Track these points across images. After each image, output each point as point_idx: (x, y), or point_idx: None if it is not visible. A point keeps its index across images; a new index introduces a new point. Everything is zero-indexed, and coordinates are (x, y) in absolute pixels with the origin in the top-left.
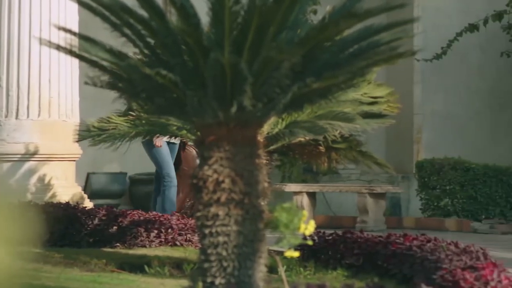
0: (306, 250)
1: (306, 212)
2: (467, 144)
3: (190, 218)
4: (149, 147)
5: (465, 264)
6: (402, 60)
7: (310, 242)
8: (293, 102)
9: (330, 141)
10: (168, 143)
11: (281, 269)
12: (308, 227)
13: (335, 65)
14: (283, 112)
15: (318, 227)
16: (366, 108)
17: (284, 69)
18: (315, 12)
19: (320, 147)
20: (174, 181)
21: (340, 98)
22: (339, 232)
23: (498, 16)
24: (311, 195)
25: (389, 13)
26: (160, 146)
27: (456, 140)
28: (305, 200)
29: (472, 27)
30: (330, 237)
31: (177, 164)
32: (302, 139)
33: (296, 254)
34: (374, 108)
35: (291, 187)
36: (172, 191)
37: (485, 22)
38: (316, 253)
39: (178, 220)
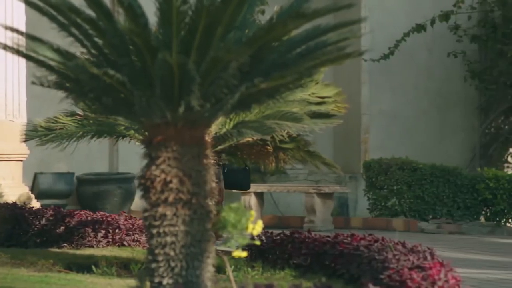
0: (253, 250)
1: (253, 212)
2: (414, 144)
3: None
4: None
5: (412, 264)
6: (350, 60)
7: (257, 242)
8: (241, 102)
9: (278, 141)
10: None
11: (229, 269)
12: (256, 227)
13: (283, 65)
14: (231, 112)
15: (265, 227)
16: (314, 108)
17: (232, 69)
18: (263, 12)
19: (268, 147)
20: None
21: (287, 98)
22: (287, 232)
23: (445, 16)
24: (259, 195)
25: (336, 14)
26: None
27: (403, 140)
28: (252, 200)
29: (419, 28)
30: (278, 237)
31: None
32: (250, 139)
33: (243, 254)
34: (322, 108)
35: None
36: None
37: (432, 22)
38: (264, 253)
39: (126, 220)
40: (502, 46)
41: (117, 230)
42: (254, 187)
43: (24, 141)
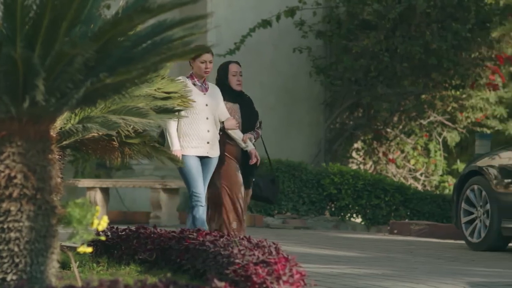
0: (99, 246)
1: (99, 208)
2: (260, 139)
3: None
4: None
5: (258, 258)
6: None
7: (103, 238)
8: (86, 97)
9: (124, 136)
10: (202, 157)
11: (74, 265)
12: (101, 223)
13: (129, 60)
14: (76, 107)
15: (111, 222)
16: (160, 103)
17: (77, 64)
18: (108, 7)
19: (114, 142)
20: (202, 200)
21: (133, 93)
22: (132, 227)
23: (291, 12)
24: (105, 191)
25: (182, 9)
26: (179, 162)
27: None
28: (98, 195)
29: (265, 23)
30: (123, 233)
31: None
32: (95, 134)
33: (89, 249)
34: (168, 103)
35: (84, 183)
36: (200, 211)
37: (278, 18)
38: (109, 249)
39: None
40: (346, 42)
41: None
42: (99, 183)
43: None
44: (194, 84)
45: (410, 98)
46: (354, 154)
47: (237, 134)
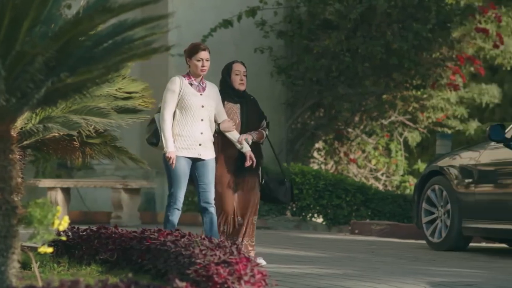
0: (60, 246)
1: (60, 208)
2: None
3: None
4: (164, 160)
5: (219, 259)
6: (157, 56)
7: (64, 238)
8: (47, 97)
9: (85, 136)
10: (195, 160)
11: (35, 265)
12: (62, 223)
13: (90, 60)
14: (37, 107)
15: (72, 222)
16: (121, 103)
17: (38, 64)
18: (69, 6)
19: (75, 142)
20: (179, 203)
21: (94, 93)
22: (93, 227)
23: (252, 12)
24: (65, 191)
25: (143, 9)
26: (172, 164)
27: None
28: (59, 195)
29: (226, 23)
30: (84, 233)
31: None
32: (56, 134)
33: (49, 250)
34: (129, 103)
35: (45, 183)
36: (175, 214)
37: (239, 18)
38: (70, 249)
39: None
40: (308, 42)
41: None
42: (60, 183)
43: None
44: (191, 84)
45: (371, 98)
46: (315, 154)
47: (233, 135)
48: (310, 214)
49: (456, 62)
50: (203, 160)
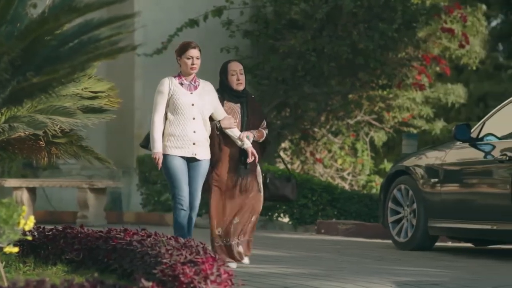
0: (25, 246)
1: (25, 208)
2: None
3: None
4: (163, 163)
5: (185, 258)
6: (123, 55)
7: (29, 238)
8: (12, 96)
9: (51, 136)
10: (190, 160)
11: (0, 265)
12: (28, 223)
13: (56, 59)
14: (2, 106)
15: (38, 222)
16: (87, 103)
17: (3, 63)
18: (35, 6)
19: (40, 142)
20: (184, 203)
21: (60, 93)
22: (59, 227)
23: (218, 11)
24: (31, 190)
25: (110, 8)
26: (158, 165)
27: None
28: (25, 195)
29: (193, 23)
30: (50, 233)
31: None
32: (22, 133)
33: (15, 249)
34: (95, 103)
35: (10, 182)
36: (182, 214)
37: (205, 17)
38: (36, 249)
39: None
40: (274, 41)
41: None
42: (26, 182)
43: None
44: (181, 84)
45: (337, 98)
46: (281, 153)
47: (233, 132)
48: (276, 214)
49: (422, 62)
50: (198, 160)
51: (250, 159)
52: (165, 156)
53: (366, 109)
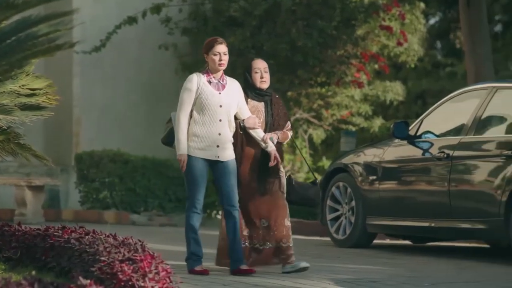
0: None
1: None
2: (126, 136)
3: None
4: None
5: (124, 256)
6: (61, 52)
7: None
8: None
9: None
10: (214, 162)
11: None
12: None
13: None
14: None
15: None
16: (24, 100)
17: None
18: None
19: None
20: (198, 206)
21: None
22: None
23: (157, 9)
24: None
25: (47, 5)
26: (182, 167)
27: (115, 132)
28: None
29: (131, 20)
30: None
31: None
32: None
33: None
34: (33, 100)
35: None
36: (194, 218)
37: (144, 14)
38: None
39: None
40: None
41: None
42: None
43: None
44: (210, 82)
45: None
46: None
47: (257, 133)
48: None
49: (360, 59)
50: (222, 162)
51: (272, 163)
52: (188, 157)
53: (304, 107)
